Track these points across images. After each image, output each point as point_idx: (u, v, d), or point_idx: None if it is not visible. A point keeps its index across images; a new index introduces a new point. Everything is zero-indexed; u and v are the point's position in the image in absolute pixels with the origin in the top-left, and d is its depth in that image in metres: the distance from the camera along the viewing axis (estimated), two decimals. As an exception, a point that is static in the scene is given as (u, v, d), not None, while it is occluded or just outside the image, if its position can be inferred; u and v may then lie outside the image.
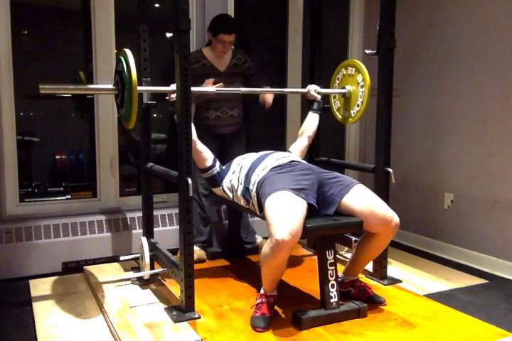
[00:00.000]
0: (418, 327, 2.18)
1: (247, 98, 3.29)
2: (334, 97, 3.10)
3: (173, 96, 2.34)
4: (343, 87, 2.93)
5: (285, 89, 3.24)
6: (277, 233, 1.97)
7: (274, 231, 1.99)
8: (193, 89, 2.49)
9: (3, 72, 2.90)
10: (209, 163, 2.57)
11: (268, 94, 3.02)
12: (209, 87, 2.64)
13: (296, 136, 2.90)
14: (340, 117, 3.04)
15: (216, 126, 3.10)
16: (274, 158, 2.47)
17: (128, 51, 2.21)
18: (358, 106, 2.83)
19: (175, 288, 2.55)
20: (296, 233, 2.00)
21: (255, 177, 2.38)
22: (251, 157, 2.59)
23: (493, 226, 3.10)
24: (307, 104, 2.99)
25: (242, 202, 2.48)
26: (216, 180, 2.60)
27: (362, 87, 2.78)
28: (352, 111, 2.89)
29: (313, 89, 2.89)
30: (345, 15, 4.03)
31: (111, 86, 2.37)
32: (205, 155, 2.56)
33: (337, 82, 3.03)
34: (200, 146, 2.54)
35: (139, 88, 2.31)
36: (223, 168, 2.64)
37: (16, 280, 2.85)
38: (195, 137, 2.46)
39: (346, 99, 2.93)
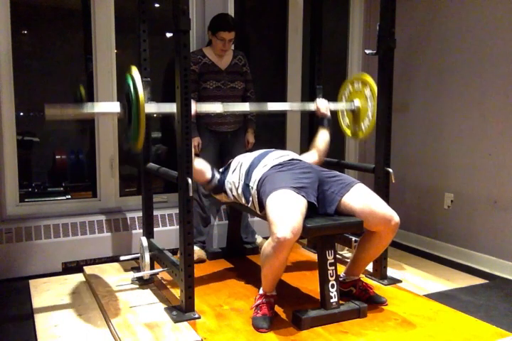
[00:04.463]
0: (418, 327, 2.18)
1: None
2: (342, 114, 3.11)
3: None
4: (351, 102, 2.94)
5: (294, 104, 3.16)
6: (279, 231, 1.98)
7: (275, 230, 2.00)
8: (200, 108, 2.50)
9: (3, 72, 2.90)
10: (209, 175, 2.55)
11: (250, 135, 3.25)
12: (216, 105, 2.61)
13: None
14: (350, 133, 3.06)
15: (217, 124, 3.09)
16: (275, 156, 2.47)
17: (135, 70, 2.19)
18: (368, 119, 2.83)
19: (175, 288, 2.55)
20: (297, 231, 2.01)
21: (256, 175, 2.38)
22: (251, 154, 2.59)
23: (493, 226, 3.10)
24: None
25: (242, 201, 2.48)
26: (220, 187, 2.59)
27: (371, 100, 2.80)
28: (363, 125, 2.90)
29: (325, 107, 2.83)
30: (345, 15, 4.03)
31: (118, 109, 2.34)
32: (204, 169, 2.54)
33: (344, 99, 3.04)
34: (198, 164, 2.51)
35: (147, 110, 2.26)
36: (222, 171, 2.64)
37: (16, 280, 2.85)
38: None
39: (355, 114, 2.94)
